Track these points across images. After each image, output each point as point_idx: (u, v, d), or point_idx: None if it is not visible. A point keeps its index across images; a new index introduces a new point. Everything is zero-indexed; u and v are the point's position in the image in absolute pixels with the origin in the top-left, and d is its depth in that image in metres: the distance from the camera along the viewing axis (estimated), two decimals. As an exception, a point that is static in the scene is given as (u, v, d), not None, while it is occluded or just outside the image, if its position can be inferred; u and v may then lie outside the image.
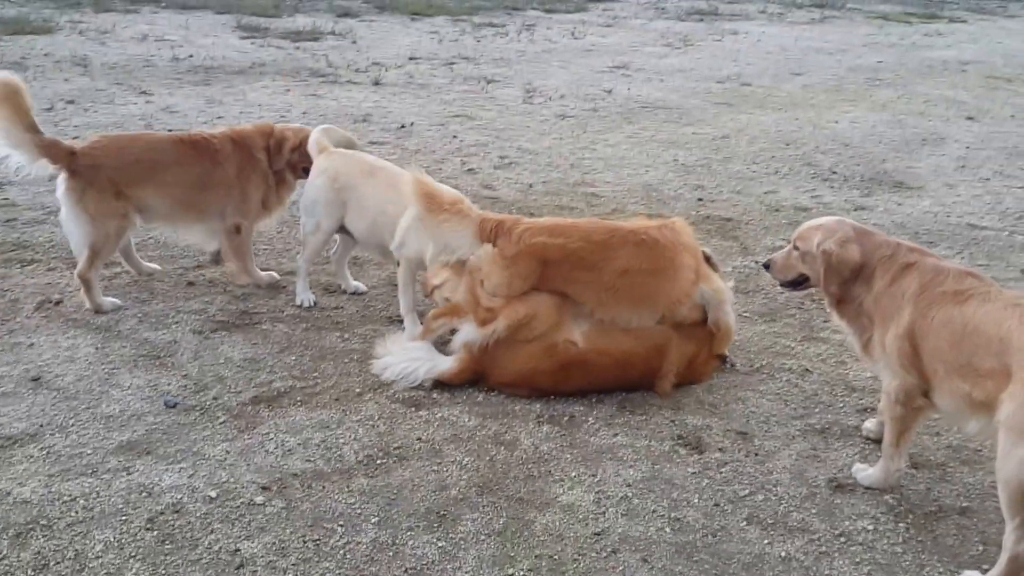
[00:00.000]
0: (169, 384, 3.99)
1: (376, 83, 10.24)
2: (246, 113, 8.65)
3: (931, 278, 3.26)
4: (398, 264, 4.52)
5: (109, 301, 4.69)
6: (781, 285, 3.87)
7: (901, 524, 3.28)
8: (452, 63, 11.64)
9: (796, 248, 3.66)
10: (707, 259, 4.35)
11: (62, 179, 4.54)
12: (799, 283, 3.73)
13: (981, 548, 3.17)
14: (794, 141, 8.47)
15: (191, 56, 11.12)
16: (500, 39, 13.73)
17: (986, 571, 3.00)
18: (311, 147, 4.84)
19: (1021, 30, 16.66)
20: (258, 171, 4.94)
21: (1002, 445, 2.89)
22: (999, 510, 3.26)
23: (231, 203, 4.89)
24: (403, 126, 8.47)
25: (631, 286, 4.01)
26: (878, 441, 3.64)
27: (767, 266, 3.85)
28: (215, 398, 3.90)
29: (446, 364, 4.07)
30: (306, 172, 4.92)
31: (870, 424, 3.83)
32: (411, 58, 11.86)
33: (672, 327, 4.13)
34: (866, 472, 3.51)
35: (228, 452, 3.52)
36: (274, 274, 5.14)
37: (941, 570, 3.06)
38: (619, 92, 10.34)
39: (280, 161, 4.96)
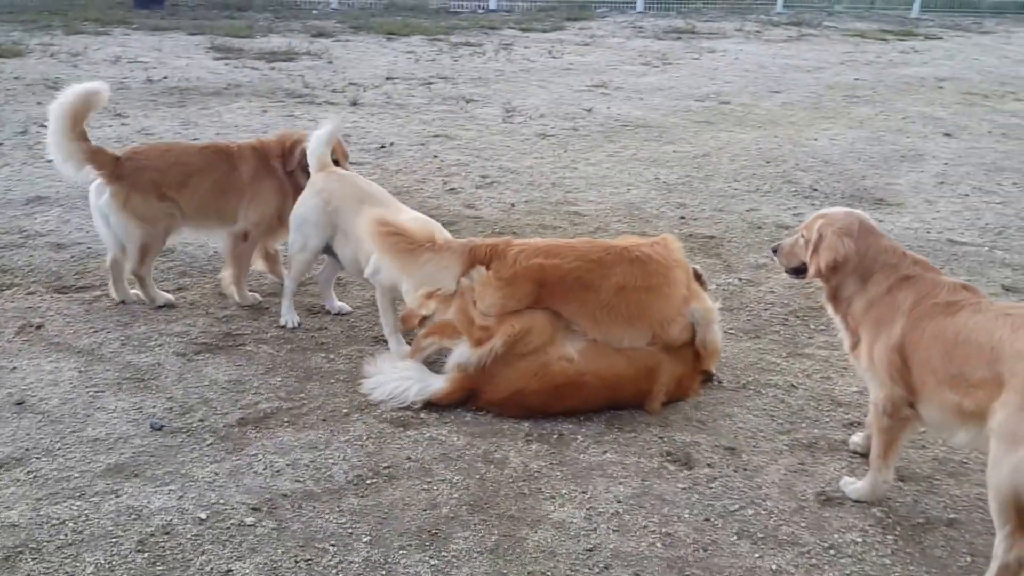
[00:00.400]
0: (154, 407, 4.02)
1: (354, 103, 10.33)
2: (223, 134, 8.69)
3: (926, 292, 3.33)
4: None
5: (164, 296, 5.09)
6: (786, 272, 3.93)
7: (889, 536, 3.36)
8: (430, 83, 11.76)
9: (803, 236, 3.73)
10: (697, 277, 4.44)
11: (102, 185, 4.83)
12: (802, 271, 3.78)
13: (969, 559, 3.25)
14: (774, 159, 8.62)
15: (165, 78, 11.17)
16: (477, 58, 13.87)
17: None
18: (311, 158, 4.85)
19: (996, 46, 17.02)
20: (272, 179, 5.05)
21: (993, 453, 2.95)
22: (986, 522, 3.37)
23: (243, 209, 5.02)
24: (383, 146, 8.55)
25: (627, 303, 4.08)
26: (865, 455, 3.73)
27: (775, 251, 3.93)
28: (201, 420, 3.94)
29: (438, 384, 4.12)
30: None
31: (856, 438, 3.92)
32: (388, 78, 11.96)
33: (662, 348, 4.20)
34: (854, 485, 3.58)
35: (217, 473, 3.56)
36: (257, 296, 5.19)
37: (930, 581, 3.15)
38: (599, 111, 10.48)
39: (291, 163, 5.03)
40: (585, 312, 4.09)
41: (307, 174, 4.95)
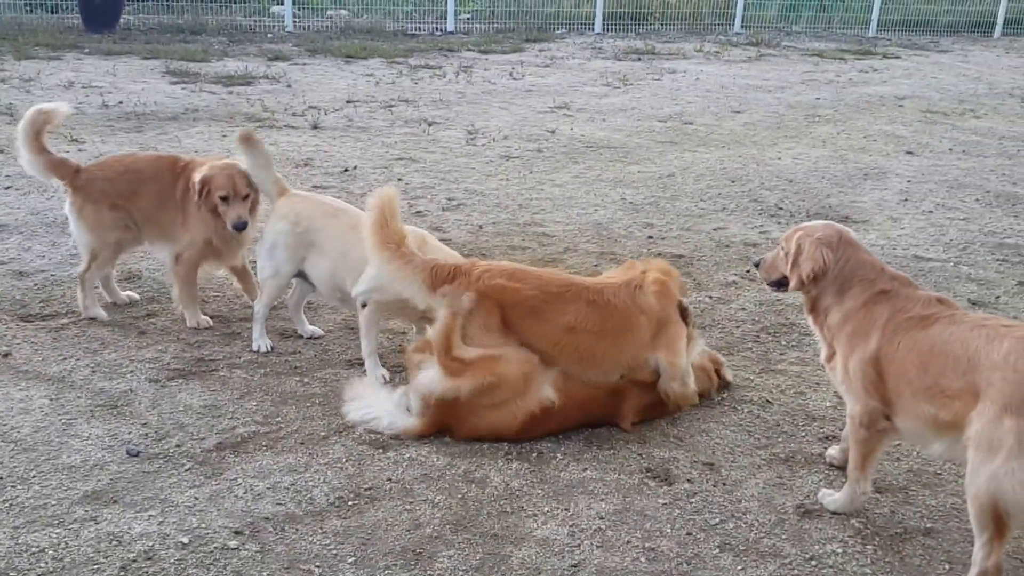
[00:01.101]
0: (129, 433, 4.05)
1: (315, 127, 10.40)
2: (183, 159, 8.71)
3: (900, 306, 3.42)
4: (363, 306, 4.62)
5: (97, 310, 5.18)
6: (768, 285, 4.01)
7: (869, 547, 3.49)
8: (391, 105, 11.87)
9: (782, 249, 3.82)
10: (683, 312, 4.36)
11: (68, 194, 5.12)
12: (783, 283, 3.85)
13: (947, 567, 3.39)
14: (739, 178, 8.84)
15: (121, 103, 11.15)
16: (438, 80, 14.01)
17: None
18: (264, 187, 4.93)
19: (953, 65, 17.56)
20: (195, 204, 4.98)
21: (971, 462, 3.05)
22: (962, 530, 3.53)
23: (177, 228, 5.09)
24: (346, 169, 8.63)
25: (575, 344, 4.13)
26: (842, 467, 3.86)
27: (757, 265, 4.02)
28: (178, 445, 3.98)
29: (408, 423, 4.15)
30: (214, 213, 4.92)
31: (833, 451, 4.05)
32: (348, 101, 12.04)
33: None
34: (832, 496, 3.70)
35: (197, 498, 3.60)
36: (208, 319, 5.23)
37: (908, 588, 3.29)
38: (562, 132, 10.66)
39: (193, 194, 4.92)
40: (536, 344, 4.11)
41: (213, 214, 4.93)
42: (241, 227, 4.91)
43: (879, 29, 22.37)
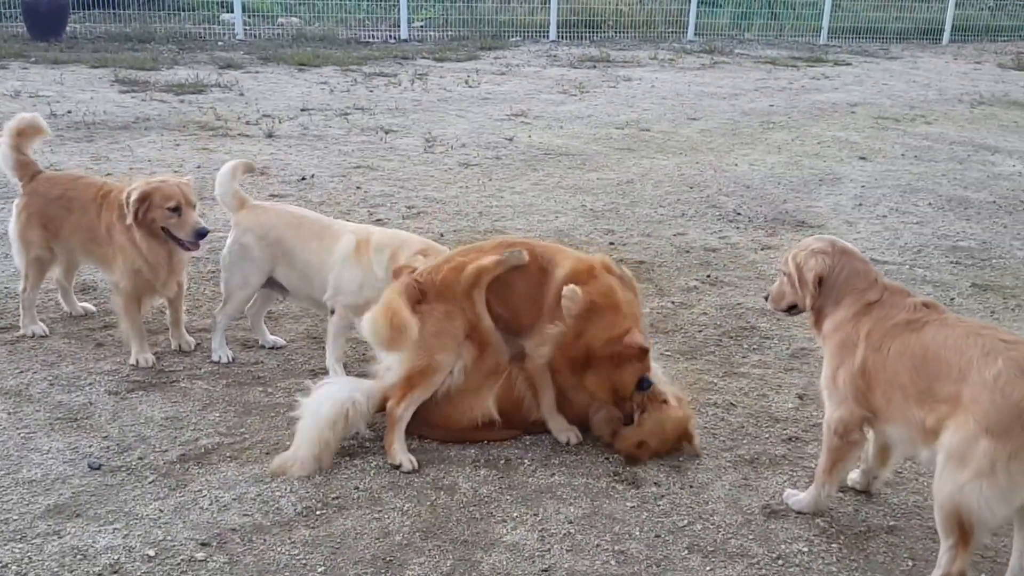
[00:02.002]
0: (90, 446, 4.01)
1: (270, 135, 10.35)
2: (136, 169, 8.64)
3: (884, 314, 3.42)
4: (332, 311, 4.66)
5: (35, 327, 5.12)
6: (782, 313, 3.94)
7: (834, 545, 3.57)
8: (347, 113, 11.85)
9: (783, 273, 3.80)
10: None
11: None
12: (794, 307, 3.81)
13: (911, 563, 3.48)
14: (697, 184, 8.96)
15: (70, 112, 11.01)
16: (393, 88, 14.01)
17: None
18: (225, 200, 4.88)
19: (904, 71, 17.94)
20: (125, 235, 4.73)
21: (940, 469, 3.11)
22: (925, 527, 3.64)
23: (109, 258, 4.88)
24: (304, 178, 8.60)
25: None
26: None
27: (766, 298, 3.97)
28: (140, 458, 3.95)
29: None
30: (167, 233, 4.68)
31: (854, 475, 3.93)
32: (303, 109, 12.00)
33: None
34: (797, 497, 3.78)
35: (161, 511, 3.58)
36: (153, 359, 4.88)
37: (874, 585, 3.37)
38: (520, 139, 10.72)
39: (127, 216, 4.65)
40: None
41: (146, 229, 4.67)
42: (203, 234, 4.71)
43: (830, 36, 22.77)
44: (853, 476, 3.92)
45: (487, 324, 4.12)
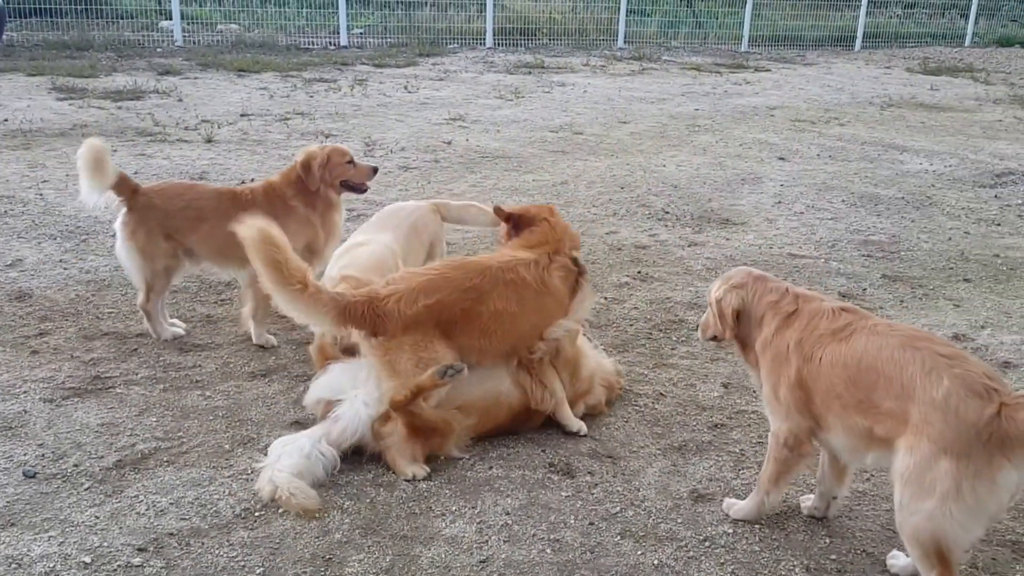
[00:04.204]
0: (25, 454, 3.85)
1: (209, 140, 10.12)
2: (73, 176, 8.31)
3: (807, 323, 3.33)
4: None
5: (171, 330, 5.10)
6: (710, 342, 3.85)
7: (757, 526, 3.59)
8: (287, 119, 11.65)
9: (710, 306, 3.70)
10: (577, 265, 4.44)
11: (120, 212, 4.96)
12: (717, 338, 3.74)
13: (828, 541, 3.52)
14: (628, 184, 8.99)
15: (6, 120, 10.65)
16: (333, 94, 13.82)
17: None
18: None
19: (819, 76, 18.25)
20: (293, 218, 4.98)
21: (903, 500, 2.95)
22: (841, 508, 3.66)
23: None
24: (243, 182, 8.40)
25: (503, 325, 4.05)
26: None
27: (698, 328, 3.88)
28: (76, 465, 3.80)
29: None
30: (346, 186, 5.20)
31: (811, 501, 3.74)
32: (243, 114, 11.77)
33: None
34: (738, 506, 3.67)
35: (97, 517, 3.45)
36: (274, 340, 5.12)
37: (794, 563, 3.37)
38: (458, 143, 10.65)
39: (314, 182, 5.05)
40: (469, 338, 4.01)
41: (332, 190, 5.14)
42: (376, 170, 5.40)
43: (750, 44, 23.09)
44: (809, 503, 3.72)
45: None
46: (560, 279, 4.28)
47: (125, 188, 4.88)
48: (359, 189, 5.30)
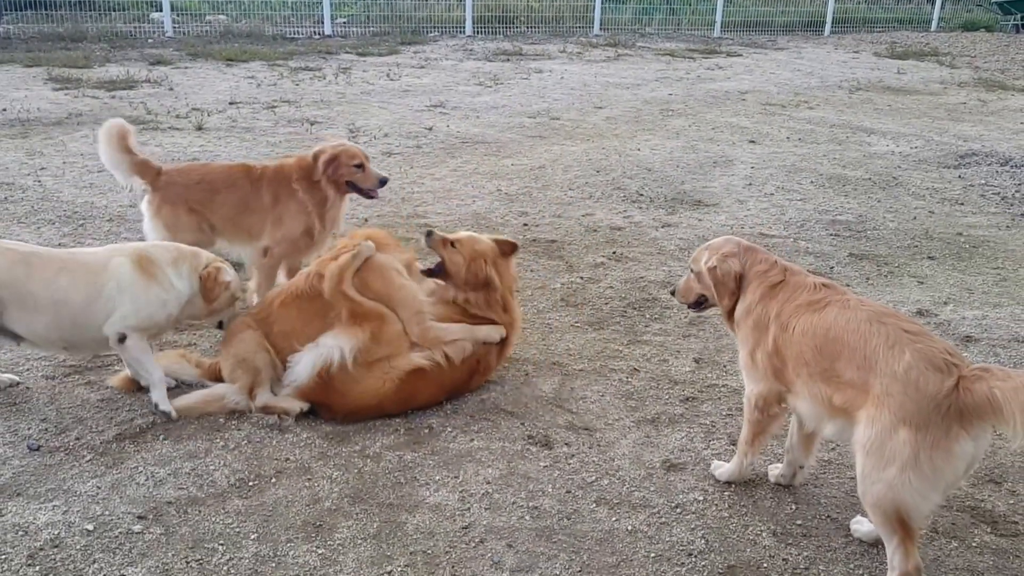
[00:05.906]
0: (29, 428, 3.90)
1: (199, 128, 10.10)
2: (69, 163, 8.37)
3: (789, 295, 3.37)
4: (122, 340, 3.99)
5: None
6: (688, 307, 3.94)
7: (726, 493, 3.68)
8: (274, 106, 11.62)
9: (692, 271, 3.79)
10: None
11: (145, 195, 5.05)
12: (700, 303, 3.84)
13: (794, 507, 3.61)
14: (603, 168, 9.04)
15: (4, 110, 10.59)
16: (318, 82, 13.78)
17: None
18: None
19: (789, 61, 18.31)
20: (294, 200, 5.06)
21: (865, 469, 2.98)
22: (807, 476, 3.74)
23: (267, 228, 5.09)
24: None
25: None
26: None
27: (673, 293, 3.97)
28: (78, 438, 3.85)
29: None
30: (352, 188, 5.17)
31: (779, 469, 3.81)
32: (231, 103, 11.73)
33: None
34: (722, 468, 3.77)
35: (99, 487, 3.51)
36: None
37: (762, 528, 3.47)
38: (440, 129, 10.67)
39: (316, 174, 5.06)
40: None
41: (335, 187, 5.10)
42: (385, 182, 5.30)
43: (723, 30, 23.12)
44: (777, 472, 3.78)
45: (369, 304, 4.18)
46: None
47: (148, 171, 4.98)
48: (366, 194, 5.27)
